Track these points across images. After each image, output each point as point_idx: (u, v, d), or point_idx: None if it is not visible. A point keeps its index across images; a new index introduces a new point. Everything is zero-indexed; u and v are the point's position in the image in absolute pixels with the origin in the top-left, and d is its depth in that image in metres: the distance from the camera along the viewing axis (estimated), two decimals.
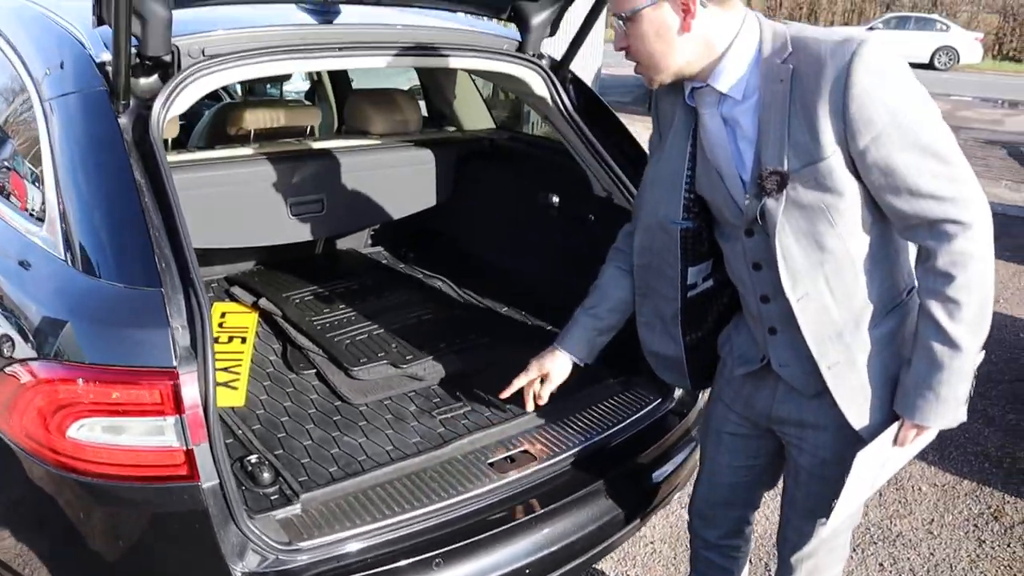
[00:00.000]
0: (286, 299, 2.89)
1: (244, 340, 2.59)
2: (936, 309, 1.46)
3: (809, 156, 1.44)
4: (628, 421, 2.25)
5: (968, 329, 1.45)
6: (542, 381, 2.00)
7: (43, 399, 1.55)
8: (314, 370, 2.48)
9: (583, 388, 2.38)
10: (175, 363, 1.50)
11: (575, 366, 1.99)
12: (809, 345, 1.56)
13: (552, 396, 2.29)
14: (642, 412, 2.28)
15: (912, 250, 1.60)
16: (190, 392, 1.52)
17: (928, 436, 1.62)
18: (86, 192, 1.71)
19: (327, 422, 2.22)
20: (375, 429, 2.18)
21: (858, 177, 1.45)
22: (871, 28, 23.31)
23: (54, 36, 2.10)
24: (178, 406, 1.51)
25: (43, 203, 1.78)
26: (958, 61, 22.75)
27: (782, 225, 1.50)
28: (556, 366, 1.96)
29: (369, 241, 3.58)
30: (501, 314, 2.89)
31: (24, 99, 2.05)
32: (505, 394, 2.01)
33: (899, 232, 1.52)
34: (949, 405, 1.50)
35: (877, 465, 1.61)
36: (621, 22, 1.53)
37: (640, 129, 12.13)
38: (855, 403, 1.59)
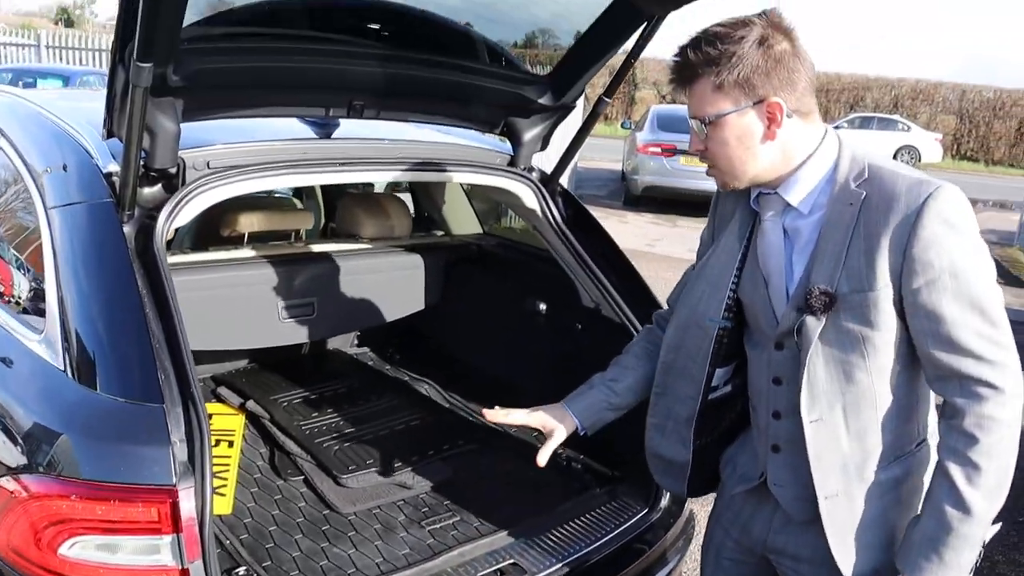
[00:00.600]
0: (274, 401, 2.88)
1: (231, 444, 2.57)
2: (954, 470, 1.42)
3: (861, 284, 1.44)
4: (616, 532, 2.24)
5: (984, 496, 1.41)
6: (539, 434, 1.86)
7: (35, 514, 1.53)
8: (302, 476, 2.46)
9: (569, 498, 2.38)
10: (174, 480, 1.50)
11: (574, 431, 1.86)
12: (812, 470, 1.53)
13: (540, 507, 2.29)
14: (630, 523, 2.28)
15: (932, 403, 1.60)
16: (187, 508, 1.51)
17: None
18: (89, 302, 1.72)
19: (316, 532, 2.19)
20: (364, 540, 2.16)
21: (903, 318, 1.45)
22: (837, 127, 24.06)
23: (51, 135, 2.15)
24: (176, 525, 1.50)
25: (43, 312, 1.79)
26: (920, 160, 23.55)
27: (816, 346, 1.49)
28: (560, 427, 1.82)
29: (356, 342, 3.59)
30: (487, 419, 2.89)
31: (20, 195, 2.08)
32: (496, 418, 1.86)
33: (930, 382, 1.50)
34: (951, 570, 1.44)
35: None
36: (702, 125, 1.50)
37: (615, 223, 12.23)
38: (845, 540, 1.55)
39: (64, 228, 1.84)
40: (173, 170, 1.94)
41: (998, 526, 1.56)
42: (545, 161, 2.69)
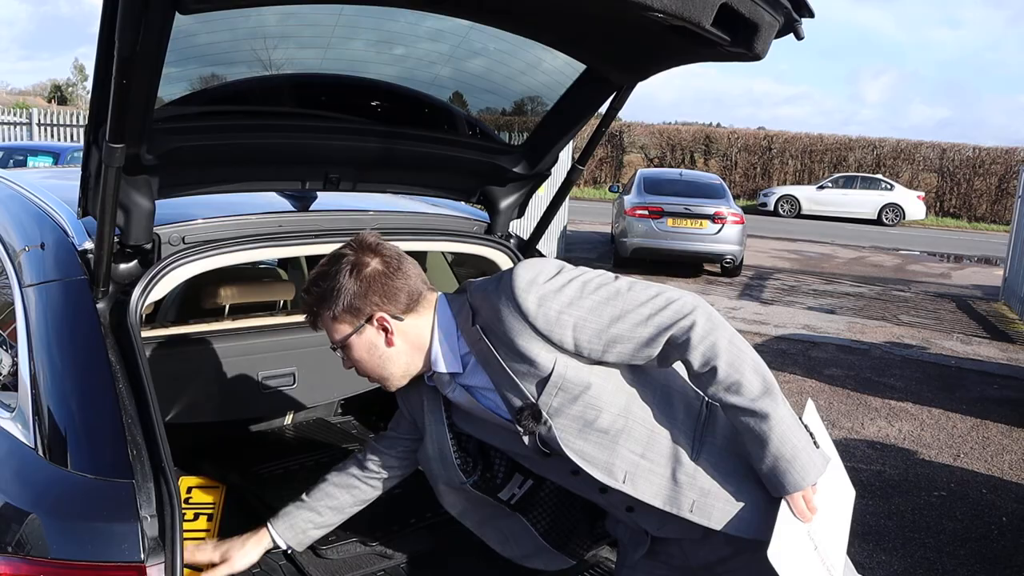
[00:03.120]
0: (254, 473, 2.85)
1: (211, 518, 2.53)
2: (726, 397, 1.58)
3: (539, 377, 1.60)
4: None
5: (760, 394, 1.56)
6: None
7: None
8: (281, 549, 2.42)
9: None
10: (143, 557, 1.49)
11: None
12: (661, 508, 1.66)
13: (521, 573, 2.25)
14: None
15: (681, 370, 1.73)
16: None
17: (830, 493, 1.69)
18: (61, 380, 1.73)
19: None
20: None
21: (597, 361, 1.61)
22: (821, 187, 24.46)
23: (31, 215, 2.18)
24: None
25: (15, 390, 1.80)
26: (904, 217, 23.85)
27: (563, 439, 1.64)
28: (246, 551, 2.00)
29: (339, 410, 3.58)
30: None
31: (2, 275, 2.09)
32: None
33: (661, 366, 1.65)
34: (802, 459, 1.58)
35: (804, 547, 1.62)
36: (337, 350, 1.74)
37: None
38: (732, 519, 1.65)
39: (39, 306, 1.86)
40: (148, 246, 1.97)
41: (809, 402, 1.80)
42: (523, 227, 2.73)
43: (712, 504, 1.65)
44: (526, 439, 1.68)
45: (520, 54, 2.30)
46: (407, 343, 1.70)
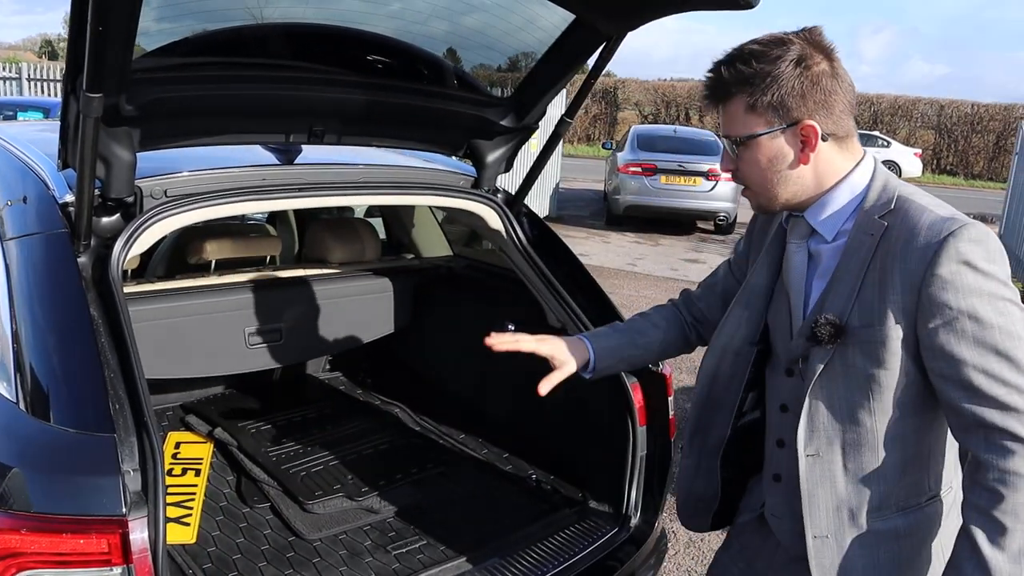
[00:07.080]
0: (242, 429, 2.86)
1: (198, 472, 2.55)
2: (976, 528, 1.30)
3: (871, 318, 1.36)
4: (585, 552, 2.23)
5: (1009, 559, 1.28)
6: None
7: None
8: (268, 504, 2.44)
9: (538, 519, 2.37)
10: (124, 511, 1.48)
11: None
12: (802, 505, 1.46)
13: (508, 530, 2.27)
14: (599, 542, 2.27)
15: (951, 458, 1.50)
16: (139, 538, 1.50)
17: None
18: (42, 334, 1.71)
19: (280, 559, 2.17)
20: (329, 566, 2.14)
21: (917, 361, 1.36)
22: None
23: (15, 169, 2.15)
24: (126, 556, 1.49)
25: None
26: (900, 175, 23.78)
27: (820, 377, 1.42)
28: (571, 360, 1.74)
29: (327, 366, 3.58)
30: (457, 442, 2.89)
31: None
32: (503, 346, 1.78)
33: (954, 432, 1.39)
34: None
35: None
36: (734, 145, 1.44)
37: (598, 243, 12.22)
38: None
39: (20, 259, 1.83)
40: (130, 199, 1.94)
41: None
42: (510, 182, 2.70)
43: (830, 557, 1.45)
44: (798, 341, 1.47)
45: (516, 10, 2.25)
46: (814, 171, 1.43)
